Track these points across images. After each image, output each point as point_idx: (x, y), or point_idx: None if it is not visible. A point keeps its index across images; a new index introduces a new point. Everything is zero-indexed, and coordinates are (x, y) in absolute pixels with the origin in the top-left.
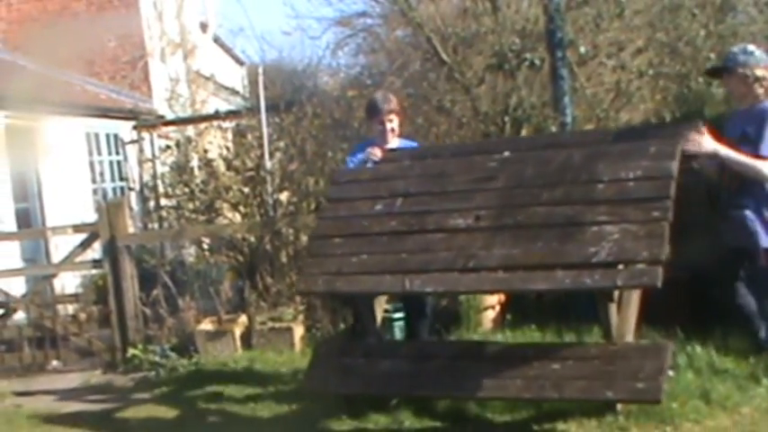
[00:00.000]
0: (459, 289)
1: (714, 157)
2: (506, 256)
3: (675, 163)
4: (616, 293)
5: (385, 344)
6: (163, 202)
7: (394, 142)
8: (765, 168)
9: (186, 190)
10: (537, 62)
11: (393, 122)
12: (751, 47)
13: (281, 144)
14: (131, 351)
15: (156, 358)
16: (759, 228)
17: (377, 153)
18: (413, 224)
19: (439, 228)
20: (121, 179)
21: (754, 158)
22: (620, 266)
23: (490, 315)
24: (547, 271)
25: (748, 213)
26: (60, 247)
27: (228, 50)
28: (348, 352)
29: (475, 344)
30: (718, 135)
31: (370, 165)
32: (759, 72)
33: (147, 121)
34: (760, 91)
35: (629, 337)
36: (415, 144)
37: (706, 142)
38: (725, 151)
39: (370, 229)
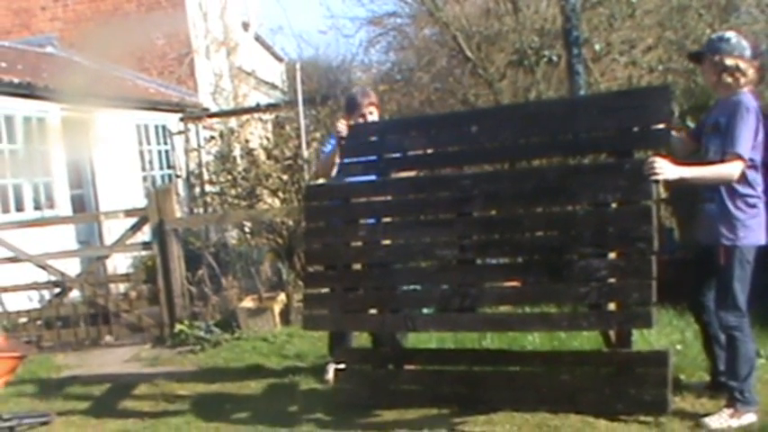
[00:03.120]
0: (460, 329)
1: (681, 181)
2: (499, 294)
3: (653, 186)
4: None
5: (401, 352)
6: (207, 188)
7: None
8: (727, 170)
9: (229, 177)
10: (554, 59)
11: (373, 115)
12: (729, 34)
13: (317, 134)
14: (178, 327)
15: (201, 333)
16: (722, 225)
17: (341, 129)
18: (400, 255)
19: (427, 259)
20: (169, 167)
21: (721, 156)
22: (612, 305)
23: None
24: (540, 313)
25: (713, 208)
26: (112, 230)
27: (268, 48)
28: (368, 361)
29: (486, 353)
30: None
31: (329, 148)
32: (729, 61)
33: (192, 114)
34: (729, 80)
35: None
36: None
37: (669, 169)
38: (689, 173)
39: (360, 260)
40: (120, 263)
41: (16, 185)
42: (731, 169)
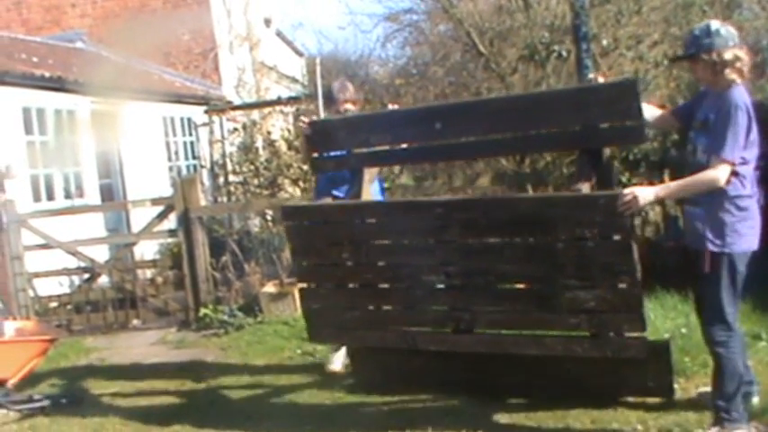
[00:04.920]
0: (459, 349)
1: (658, 201)
2: (491, 320)
3: (630, 221)
4: None
5: None
6: (231, 178)
7: None
8: (711, 177)
9: (252, 167)
10: (564, 54)
11: (349, 112)
12: (715, 24)
13: None
14: (203, 311)
15: (225, 317)
16: (707, 229)
17: (304, 128)
18: (388, 278)
19: (415, 283)
20: (194, 158)
21: (708, 157)
22: (606, 335)
23: None
24: (535, 336)
25: (698, 212)
26: (139, 218)
27: (289, 43)
28: (378, 348)
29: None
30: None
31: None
32: (728, 55)
33: (216, 106)
34: (732, 76)
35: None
36: None
37: (642, 196)
38: (664, 191)
39: (349, 281)
40: (146, 249)
41: (47, 175)
42: (717, 175)
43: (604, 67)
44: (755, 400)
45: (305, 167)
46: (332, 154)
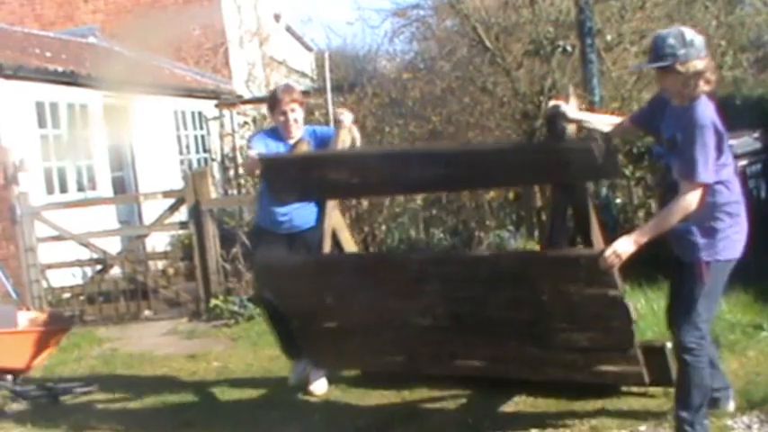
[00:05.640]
0: (460, 373)
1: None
2: (487, 355)
3: (615, 274)
4: None
5: None
6: (241, 171)
7: (297, 133)
8: (683, 204)
9: None
10: (569, 48)
11: (295, 112)
12: (689, 34)
13: None
14: (213, 302)
15: (235, 308)
16: (700, 239)
17: (253, 165)
18: (376, 319)
19: (405, 324)
20: (205, 151)
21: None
22: (603, 368)
23: None
24: (533, 367)
25: (688, 224)
26: (151, 210)
27: (299, 38)
28: None
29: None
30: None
31: (254, 151)
32: (700, 65)
33: (227, 100)
34: (706, 88)
35: None
36: (327, 131)
37: (623, 251)
38: (643, 236)
39: (339, 321)
40: (158, 241)
41: (60, 168)
42: (689, 200)
43: (609, 62)
44: (731, 405)
45: None
46: (292, 186)
